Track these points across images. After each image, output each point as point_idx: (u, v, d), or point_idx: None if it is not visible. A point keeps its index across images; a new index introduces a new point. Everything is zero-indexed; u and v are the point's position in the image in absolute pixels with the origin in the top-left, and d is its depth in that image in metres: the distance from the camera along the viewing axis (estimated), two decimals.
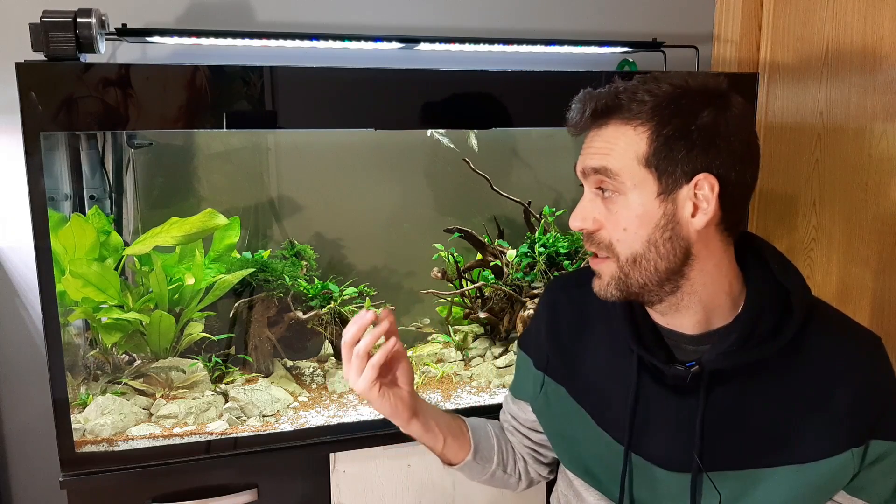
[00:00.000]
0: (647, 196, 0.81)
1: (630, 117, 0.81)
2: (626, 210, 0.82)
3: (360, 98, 1.28)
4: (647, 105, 0.81)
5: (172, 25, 1.50)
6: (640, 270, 0.83)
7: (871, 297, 1.69)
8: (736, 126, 0.81)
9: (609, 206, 0.83)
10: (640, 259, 0.82)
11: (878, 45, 1.62)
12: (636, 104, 0.81)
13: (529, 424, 1.09)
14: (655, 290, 0.85)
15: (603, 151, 0.83)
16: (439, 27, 1.65)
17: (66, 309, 1.30)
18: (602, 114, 0.83)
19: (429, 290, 1.62)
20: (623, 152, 0.81)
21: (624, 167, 0.81)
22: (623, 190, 0.82)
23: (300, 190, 1.64)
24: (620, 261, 0.83)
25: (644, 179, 0.81)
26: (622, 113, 0.82)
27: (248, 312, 1.50)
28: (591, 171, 0.84)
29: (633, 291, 0.85)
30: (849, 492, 0.86)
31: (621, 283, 0.84)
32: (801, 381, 0.85)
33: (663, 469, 0.89)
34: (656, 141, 0.80)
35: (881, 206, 1.65)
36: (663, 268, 0.83)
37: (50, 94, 1.11)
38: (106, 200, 1.45)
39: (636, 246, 0.82)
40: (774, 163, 1.84)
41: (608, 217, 0.84)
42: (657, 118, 0.80)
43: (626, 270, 0.83)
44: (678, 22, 1.81)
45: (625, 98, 0.82)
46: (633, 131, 0.81)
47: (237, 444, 1.31)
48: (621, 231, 0.83)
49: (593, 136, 0.85)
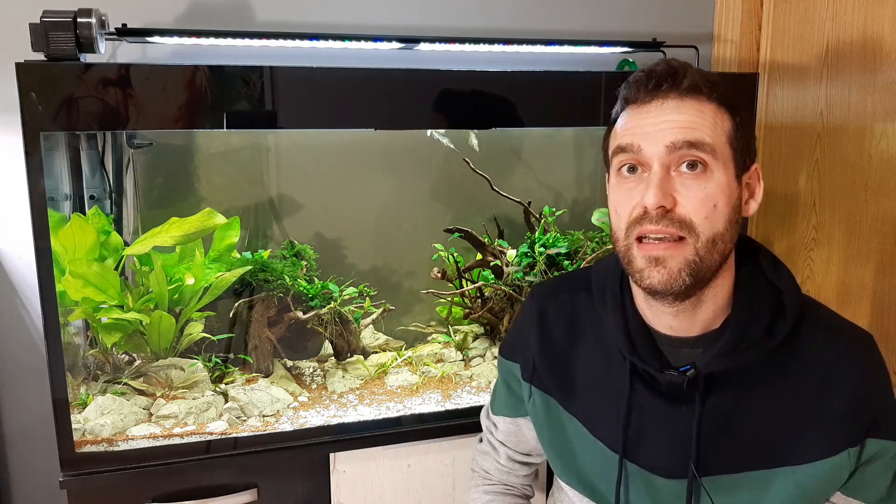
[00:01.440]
0: (731, 175, 0.81)
1: (714, 97, 0.81)
2: (717, 186, 0.79)
3: (360, 98, 1.28)
4: (721, 88, 0.82)
5: (172, 25, 1.50)
6: (714, 253, 0.80)
7: (871, 297, 1.69)
8: None
9: (698, 182, 0.79)
10: (719, 240, 0.80)
11: (878, 45, 1.62)
12: (715, 84, 0.82)
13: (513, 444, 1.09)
14: (712, 276, 0.82)
15: (695, 126, 0.79)
16: (439, 27, 1.65)
17: (66, 309, 1.30)
18: (692, 88, 0.80)
19: (429, 290, 1.62)
20: (716, 127, 0.80)
21: (718, 143, 0.80)
22: (715, 167, 0.80)
23: (300, 190, 1.64)
24: (700, 241, 0.79)
25: (729, 158, 0.81)
26: (712, 90, 0.81)
27: (248, 312, 1.50)
28: (685, 144, 0.78)
29: (703, 278, 0.80)
30: (845, 492, 0.86)
31: (695, 268, 0.79)
32: (796, 384, 0.85)
33: (659, 476, 0.89)
34: (737, 123, 0.82)
35: (881, 206, 1.65)
36: (728, 251, 0.82)
37: (50, 94, 1.11)
38: (106, 200, 1.46)
39: (719, 225, 0.79)
40: (774, 163, 1.84)
41: (692, 194, 0.79)
42: (729, 104, 0.82)
43: (703, 253, 0.79)
44: (678, 22, 1.81)
45: (709, 77, 0.82)
46: (719, 109, 0.81)
47: (237, 444, 1.31)
48: (710, 207, 0.79)
49: (671, 110, 0.80)
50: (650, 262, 0.80)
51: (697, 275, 0.79)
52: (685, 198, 0.79)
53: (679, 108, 0.80)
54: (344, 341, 1.58)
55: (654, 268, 0.80)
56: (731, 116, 0.82)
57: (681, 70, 0.82)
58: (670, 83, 0.81)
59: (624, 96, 0.85)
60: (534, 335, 0.99)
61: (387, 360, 1.60)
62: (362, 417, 1.39)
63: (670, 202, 0.78)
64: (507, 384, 1.06)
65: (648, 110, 0.81)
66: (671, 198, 0.78)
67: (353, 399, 1.47)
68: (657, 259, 0.79)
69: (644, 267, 0.80)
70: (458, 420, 1.40)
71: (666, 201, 0.78)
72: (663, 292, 0.80)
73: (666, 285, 0.79)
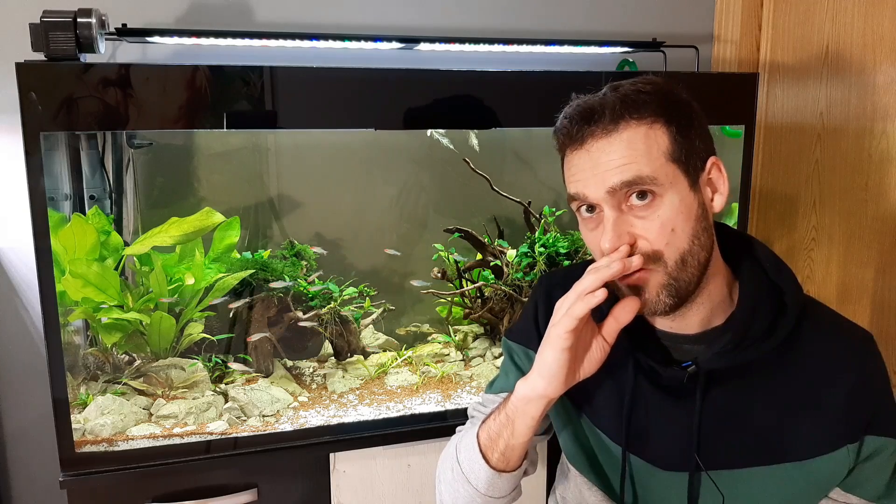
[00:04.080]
0: (683, 190, 0.80)
1: (643, 116, 0.79)
2: (671, 209, 0.79)
3: (360, 98, 1.28)
4: (651, 100, 0.79)
5: (172, 25, 1.50)
6: (687, 269, 0.80)
7: (871, 297, 1.69)
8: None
9: (650, 212, 0.79)
10: (687, 256, 0.80)
11: (878, 45, 1.62)
12: (642, 102, 0.79)
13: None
14: (694, 288, 0.82)
15: (627, 160, 0.78)
16: (439, 27, 1.65)
17: (66, 309, 1.30)
18: (615, 118, 0.79)
19: (429, 290, 1.62)
20: (650, 153, 0.78)
21: (657, 167, 0.78)
22: (662, 191, 0.78)
23: (300, 190, 1.64)
24: (669, 266, 0.79)
25: (675, 175, 0.79)
26: (635, 112, 0.79)
27: (248, 312, 1.50)
28: (623, 185, 0.78)
29: (684, 293, 0.81)
30: (844, 488, 0.87)
31: (672, 290, 0.80)
32: (796, 380, 0.85)
33: (662, 469, 0.89)
34: (674, 133, 0.80)
35: (881, 206, 1.65)
36: (703, 259, 0.81)
37: (50, 94, 1.11)
38: (106, 200, 1.46)
39: (684, 244, 0.79)
40: (774, 163, 1.84)
41: (649, 226, 0.79)
42: (665, 113, 0.80)
43: (676, 274, 0.79)
44: (678, 22, 1.81)
45: (631, 97, 0.79)
46: (650, 129, 0.79)
47: (237, 444, 1.31)
48: (669, 233, 0.79)
49: (601, 151, 0.79)
50: (631, 290, 0.82)
51: (677, 294, 0.81)
52: (642, 230, 0.79)
53: (608, 148, 0.79)
54: (344, 341, 1.58)
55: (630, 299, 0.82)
56: (668, 127, 0.79)
57: (598, 106, 0.80)
58: (591, 123, 0.80)
59: (558, 142, 0.85)
60: (542, 322, 0.99)
61: (387, 360, 1.60)
62: (362, 417, 1.39)
63: (628, 239, 0.79)
64: (516, 363, 1.04)
65: (580, 156, 0.81)
66: (627, 235, 0.79)
67: (353, 399, 1.47)
68: (636, 288, 0.81)
69: (627, 295, 0.83)
70: (458, 420, 1.40)
71: (622, 241, 0.79)
72: (649, 315, 0.83)
73: (649, 309, 0.81)
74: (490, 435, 0.89)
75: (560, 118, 0.84)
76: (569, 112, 0.82)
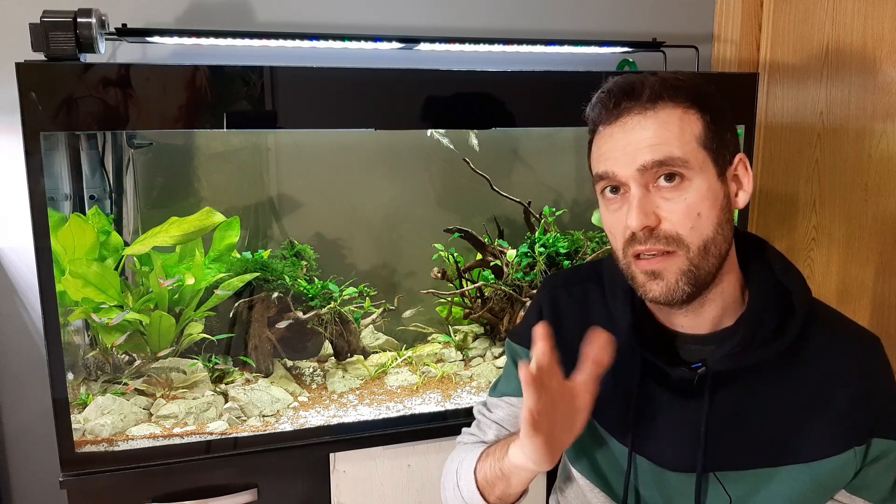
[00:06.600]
0: (711, 178, 0.80)
1: (679, 100, 0.80)
2: (698, 194, 0.79)
3: (360, 98, 1.28)
4: (688, 87, 0.81)
5: (172, 25, 1.50)
6: (709, 258, 0.80)
7: (871, 297, 1.69)
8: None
9: (677, 194, 0.79)
10: (710, 245, 0.80)
11: (878, 45, 1.62)
12: (680, 87, 0.80)
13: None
14: (712, 280, 0.82)
15: (661, 140, 0.79)
16: (439, 27, 1.65)
17: (66, 309, 1.30)
18: (653, 98, 0.80)
19: (429, 290, 1.62)
20: (682, 136, 0.79)
21: (689, 151, 0.79)
22: (691, 175, 0.79)
23: (300, 190, 1.64)
24: (691, 251, 0.79)
25: (705, 161, 0.80)
26: (673, 95, 0.80)
27: (248, 312, 1.50)
28: (654, 164, 0.79)
29: (703, 283, 0.81)
30: (850, 490, 0.87)
31: (692, 277, 0.80)
32: (803, 382, 0.85)
33: (668, 470, 0.89)
34: (707, 122, 0.81)
35: (881, 206, 1.65)
36: (724, 251, 0.82)
37: (50, 94, 1.11)
38: (106, 200, 1.46)
39: (708, 231, 0.80)
40: (774, 163, 1.84)
41: (674, 207, 0.79)
42: (699, 101, 0.81)
43: (697, 261, 0.80)
44: (678, 22, 1.81)
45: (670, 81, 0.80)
46: (685, 113, 0.80)
47: (237, 444, 1.31)
48: (695, 217, 0.79)
49: (635, 128, 0.80)
50: (649, 276, 0.82)
51: (696, 282, 0.81)
52: (668, 212, 0.79)
53: (643, 125, 0.80)
54: (344, 341, 1.58)
55: (653, 281, 0.82)
56: (701, 115, 0.81)
57: (638, 83, 0.81)
58: (630, 99, 0.80)
59: (591, 118, 0.85)
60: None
61: (387, 360, 1.60)
62: (362, 417, 1.39)
63: (653, 220, 0.79)
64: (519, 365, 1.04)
65: (613, 132, 0.82)
66: (653, 216, 0.79)
67: (353, 399, 1.47)
68: (654, 273, 0.81)
69: (645, 281, 0.82)
70: (458, 420, 1.40)
71: (648, 220, 0.79)
72: (665, 303, 0.83)
73: (666, 296, 0.81)
74: (487, 479, 0.90)
75: (596, 94, 0.84)
76: (607, 87, 0.83)
